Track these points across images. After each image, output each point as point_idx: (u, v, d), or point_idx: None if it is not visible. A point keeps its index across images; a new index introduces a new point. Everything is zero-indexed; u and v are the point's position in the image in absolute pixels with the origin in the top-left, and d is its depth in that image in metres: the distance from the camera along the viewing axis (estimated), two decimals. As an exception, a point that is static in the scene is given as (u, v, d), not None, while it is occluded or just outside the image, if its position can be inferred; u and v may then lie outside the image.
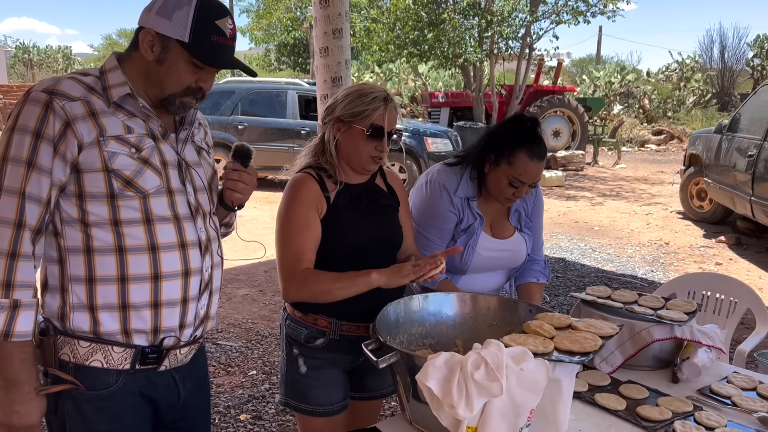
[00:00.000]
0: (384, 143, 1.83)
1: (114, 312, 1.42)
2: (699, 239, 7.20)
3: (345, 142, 1.85)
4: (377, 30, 12.52)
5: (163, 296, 1.45)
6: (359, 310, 1.83)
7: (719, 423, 1.68)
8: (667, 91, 23.35)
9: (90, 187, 1.37)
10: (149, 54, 1.40)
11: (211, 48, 1.42)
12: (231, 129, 10.07)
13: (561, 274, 5.76)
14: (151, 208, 1.42)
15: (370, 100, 1.81)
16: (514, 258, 2.27)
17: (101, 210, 1.38)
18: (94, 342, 1.43)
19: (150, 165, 1.42)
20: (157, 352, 1.48)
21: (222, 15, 1.42)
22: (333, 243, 1.85)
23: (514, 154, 2.02)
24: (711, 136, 7.50)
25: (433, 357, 1.47)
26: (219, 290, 1.63)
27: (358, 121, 1.81)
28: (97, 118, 1.37)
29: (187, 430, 1.67)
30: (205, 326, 1.59)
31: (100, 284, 1.40)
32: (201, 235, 1.52)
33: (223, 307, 4.86)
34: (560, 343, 1.59)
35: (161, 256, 1.44)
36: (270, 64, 28.57)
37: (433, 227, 2.15)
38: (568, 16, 11.67)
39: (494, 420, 1.43)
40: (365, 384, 2.02)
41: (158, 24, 1.38)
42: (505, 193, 2.09)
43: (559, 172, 11.46)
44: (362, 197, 1.92)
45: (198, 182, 1.53)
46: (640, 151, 17.23)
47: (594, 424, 1.69)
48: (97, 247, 1.39)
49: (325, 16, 5.82)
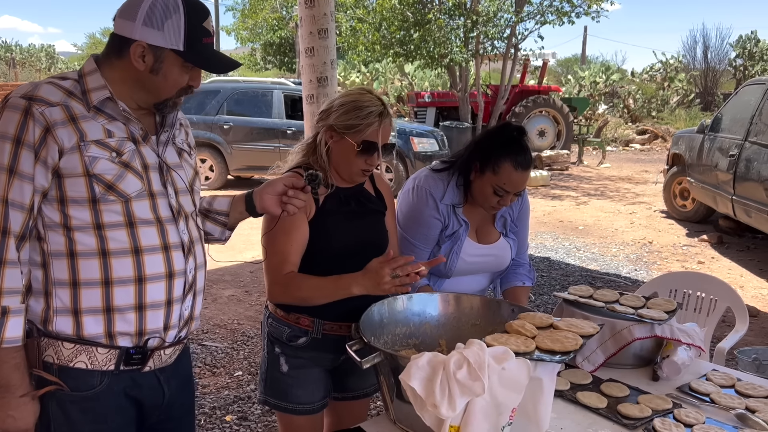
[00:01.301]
0: (375, 158, 1.83)
1: (98, 315, 1.42)
2: (682, 238, 7.28)
3: (336, 151, 1.85)
4: (363, 30, 12.52)
5: (147, 298, 1.45)
6: (342, 310, 1.84)
7: (698, 420, 1.70)
8: (651, 90, 23.57)
9: (72, 192, 1.37)
10: (141, 65, 1.40)
11: (204, 52, 1.44)
12: (216, 129, 10.03)
13: (545, 273, 5.80)
14: (133, 212, 1.42)
15: (365, 114, 1.79)
16: (499, 262, 2.29)
17: (83, 214, 1.38)
18: (78, 343, 1.43)
19: (131, 169, 1.42)
20: (142, 353, 1.48)
21: (206, 15, 1.43)
22: (319, 245, 1.86)
23: (499, 164, 2.03)
24: (693, 136, 7.59)
25: (417, 357, 1.49)
26: (203, 291, 1.64)
27: (350, 134, 1.80)
28: (77, 122, 1.36)
29: (172, 430, 1.67)
30: (189, 327, 1.60)
31: (84, 288, 1.40)
32: (183, 237, 1.52)
33: (208, 308, 4.84)
34: (541, 343, 1.61)
35: (144, 258, 1.44)
36: (256, 63, 28.48)
37: (418, 233, 2.17)
38: (552, 16, 11.75)
39: (476, 419, 1.45)
40: (347, 384, 2.02)
41: (149, 36, 1.37)
42: (490, 202, 2.10)
43: (544, 172, 11.53)
44: (350, 201, 1.93)
45: (179, 184, 1.54)
46: (624, 150, 17.38)
47: (575, 422, 1.71)
48: (81, 251, 1.39)
49: (310, 16, 5.82)
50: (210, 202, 1.75)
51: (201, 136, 10.00)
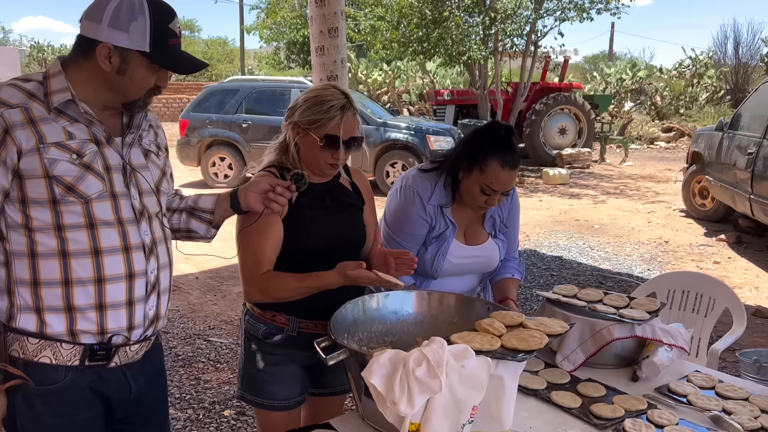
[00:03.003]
0: (340, 152, 1.83)
1: (60, 314, 1.45)
2: (699, 237, 7.16)
3: (303, 147, 1.87)
4: (382, 28, 12.53)
5: (107, 299, 1.48)
6: (318, 309, 1.86)
7: (670, 421, 1.69)
8: (679, 87, 23.15)
9: (32, 193, 1.40)
10: (107, 66, 1.42)
11: (170, 53, 1.46)
12: (235, 127, 10.14)
13: (556, 273, 5.76)
14: (93, 213, 1.45)
15: (326, 108, 1.80)
16: (487, 264, 2.29)
17: (44, 215, 1.41)
18: (43, 339, 1.46)
19: (92, 170, 1.44)
20: (106, 350, 1.51)
21: (172, 17, 1.46)
22: (295, 242, 1.87)
23: (486, 162, 2.03)
24: (713, 134, 7.45)
25: (379, 354, 1.50)
26: (169, 290, 1.65)
27: (313, 129, 1.81)
28: (36, 125, 1.39)
29: (143, 424, 1.70)
30: (155, 326, 1.62)
31: (45, 287, 1.44)
32: (145, 238, 1.54)
33: (217, 305, 4.92)
34: (507, 341, 1.61)
35: (104, 259, 1.46)
36: (280, 62, 28.64)
37: (404, 233, 2.17)
38: (572, 13, 11.61)
39: (436, 416, 1.46)
40: (325, 380, 2.04)
41: (114, 37, 1.40)
42: (478, 201, 2.10)
43: (563, 171, 11.42)
44: (325, 197, 1.94)
45: (144, 185, 1.56)
46: (649, 148, 17.12)
47: (546, 422, 1.71)
48: (41, 252, 1.42)
49: (321, 15, 5.85)
50: (195, 201, 1.78)
51: (220, 135, 10.15)
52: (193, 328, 4.45)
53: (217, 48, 40.26)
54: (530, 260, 6.16)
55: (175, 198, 1.82)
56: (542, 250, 6.60)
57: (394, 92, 20.88)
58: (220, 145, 10.20)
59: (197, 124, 10.26)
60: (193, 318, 4.65)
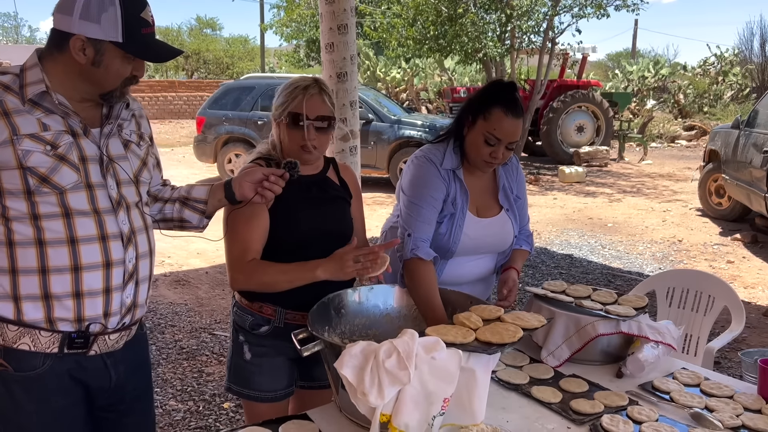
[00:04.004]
0: (306, 131, 1.84)
1: (37, 302, 1.48)
2: (714, 237, 7.05)
3: (281, 135, 1.91)
4: (398, 25, 12.52)
5: (84, 286, 1.50)
6: (304, 300, 1.86)
7: (649, 417, 1.68)
8: (703, 85, 22.80)
9: (7, 184, 1.43)
10: (81, 58, 1.44)
11: (144, 42, 1.47)
12: (251, 124, 10.21)
13: (565, 271, 5.72)
14: (68, 203, 1.47)
15: (291, 90, 1.85)
16: (501, 239, 2.22)
17: (20, 205, 1.44)
18: (22, 326, 1.49)
19: (66, 161, 1.46)
20: (84, 338, 1.54)
21: (143, 6, 1.47)
22: (281, 233, 1.89)
23: (489, 110, 2.03)
24: (729, 132, 7.34)
25: (351, 345, 1.51)
26: (148, 279, 1.68)
27: (281, 112, 1.87)
28: (9, 117, 1.41)
29: (126, 413, 1.73)
30: (133, 314, 1.64)
31: (22, 275, 1.47)
32: (123, 227, 1.56)
33: (225, 299, 4.97)
34: (481, 335, 1.61)
35: (81, 248, 1.49)
36: (299, 60, 28.76)
37: (423, 196, 2.10)
38: (589, 9, 11.48)
39: (407, 407, 1.46)
40: (313, 373, 2.06)
41: (87, 29, 1.42)
42: (483, 155, 2.07)
43: (579, 168, 11.32)
44: (312, 188, 1.96)
45: (122, 176, 1.58)
46: (669, 147, 16.89)
47: (523, 416, 1.71)
48: (18, 241, 1.46)
49: (330, 12, 5.86)
50: (188, 191, 1.81)
51: (236, 132, 10.22)
52: (199, 322, 4.51)
53: (238, 46, 40.49)
54: (540, 258, 6.12)
55: (166, 188, 1.84)
56: (553, 248, 6.55)
57: (413, 90, 20.87)
58: (236, 142, 10.28)
59: (214, 121, 10.35)
60: (200, 312, 4.71)
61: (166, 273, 5.65)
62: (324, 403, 2.11)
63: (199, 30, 41.59)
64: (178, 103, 22.78)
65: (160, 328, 4.37)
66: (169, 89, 24.01)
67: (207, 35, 41.07)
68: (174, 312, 4.68)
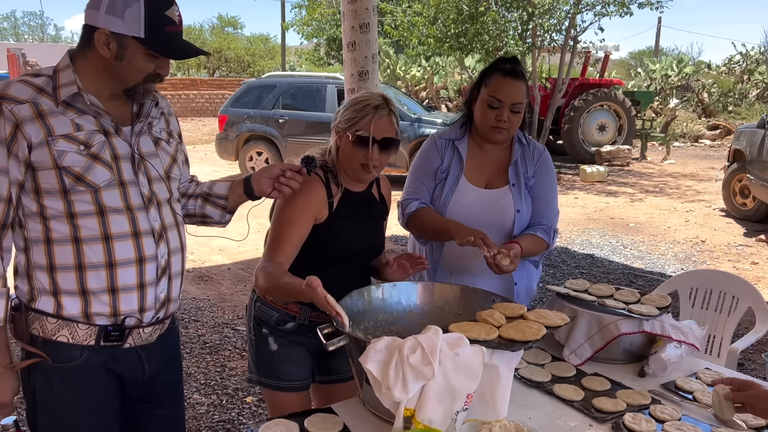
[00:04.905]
0: (371, 151, 1.86)
1: (75, 297, 1.53)
2: (738, 237, 6.97)
3: (341, 149, 1.93)
4: (418, 24, 12.52)
5: (119, 282, 1.55)
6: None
7: (672, 416, 1.68)
8: (728, 84, 22.47)
9: (44, 184, 1.48)
10: (106, 52, 1.48)
11: (166, 39, 1.50)
12: (272, 122, 10.29)
13: (586, 271, 5.69)
14: (103, 201, 1.51)
15: (361, 107, 1.86)
16: (497, 212, 2.22)
17: (57, 204, 1.49)
18: (60, 319, 1.54)
19: (100, 160, 1.50)
20: (120, 331, 1.59)
21: (169, 5, 1.50)
22: (327, 247, 1.94)
23: (490, 77, 2.17)
24: (755, 131, 7.24)
25: (376, 340, 1.54)
26: (181, 274, 1.72)
27: (348, 128, 1.88)
28: (44, 119, 1.46)
29: (157, 404, 1.78)
30: (167, 308, 1.68)
31: (60, 272, 1.52)
32: (154, 224, 1.60)
33: (246, 295, 4.99)
34: (505, 332, 1.63)
35: (114, 245, 1.53)
36: (320, 58, 28.89)
37: (417, 165, 2.32)
38: (612, 7, 11.38)
39: (430, 402, 1.49)
40: (331, 367, 2.10)
41: (111, 23, 1.46)
42: (489, 120, 2.16)
43: (601, 168, 11.23)
44: (360, 207, 2.00)
45: (153, 173, 1.62)
46: (693, 146, 16.68)
47: (545, 413, 1.72)
48: (56, 238, 1.50)
49: (352, 11, 5.90)
50: (210, 187, 1.85)
51: (257, 130, 10.31)
52: (222, 317, 4.57)
53: (259, 44, 40.72)
54: (560, 258, 6.10)
55: (191, 184, 1.88)
56: (574, 247, 6.53)
57: (433, 88, 20.82)
58: (258, 140, 10.36)
59: (235, 119, 10.44)
60: (222, 307, 4.77)
61: (189, 269, 5.73)
62: (342, 395, 2.15)
63: (220, 28, 41.92)
64: (199, 101, 22.99)
65: (183, 323, 4.43)
66: (191, 87, 24.24)
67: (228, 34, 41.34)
68: (197, 307, 4.75)
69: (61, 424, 1.60)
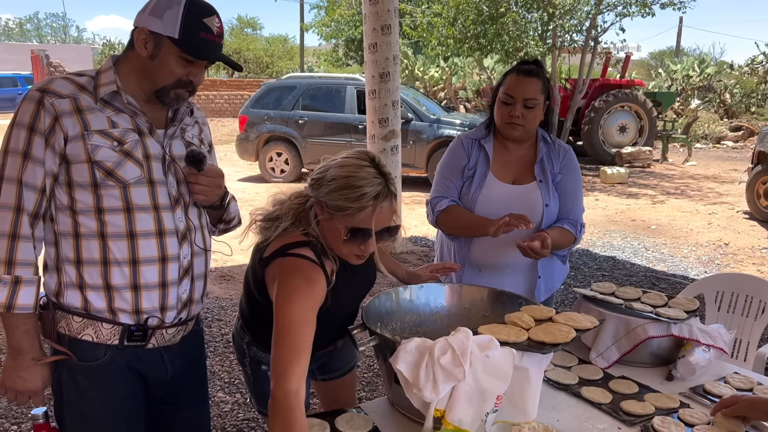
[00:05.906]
0: (369, 244, 1.60)
1: (100, 291, 1.57)
2: (762, 240, 6.88)
3: (326, 229, 1.62)
4: (438, 24, 12.52)
5: (141, 279, 1.58)
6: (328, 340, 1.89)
7: (701, 420, 1.68)
8: (751, 84, 22.18)
9: (77, 177, 1.52)
10: (143, 51, 1.53)
11: (198, 43, 1.53)
12: (292, 123, 10.35)
13: (608, 273, 5.66)
14: (131, 198, 1.55)
15: (357, 196, 1.54)
16: (527, 206, 2.22)
17: (87, 198, 1.53)
18: (86, 318, 1.58)
19: (131, 157, 1.55)
20: (143, 331, 1.62)
21: (209, 14, 1.54)
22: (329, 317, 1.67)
23: (506, 77, 2.27)
24: (780, 133, 7.15)
25: (406, 342, 1.56)
26: (204, 276, 1.74)
27: (340, 216, 1.57)
28: (82, 114, 1.51)
29: (182, 406, 1.81)
30: (189, 310, 1.71)
31: (87, 266, 1.55)
32: (179, 224, 1.64)
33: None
34: (534, 334, 1.64)
35: (139, 242, 1.57)
36: (338, 59, 28.98)
37: (444, 164, 2.38)
38: (633, 8, 11.29)
39: (460, 404, 1.50)
40: (331, 366, 2.06)
41: (151, 23, 1.51)
42: (504, 117, 2.24)
43: (621, 169, 11.14)
44: (359, 270, 1.76)
45: (182, 175, 1.65)
46: (715, 147, 16.49)
47: (573, 416, 1.72)
48: (83, 233, 1.54)
49: (374, 12, 5.95)
50: None
51: (277, 131, 10.37)
52: (244, 317, 4.60)
53: (278, 45, 40.97)
54: (582, 260, 6.07)
55: None
56: (595, 249, 6.49)
57: (451, 89, 20.82)
58: (278, 141, 10.43)
59: (256, 120, 10.51)
60: (244, 307, 4.80)
61: (212, 269, 5.78)
62: (344, 388, 2.14)
63: (240, 29, 42.25)
64: (219, 102, 23.20)
65: (207, 321, 4.48)
66: (210, 88, 24.47)
67: (248, 35, 41.68)
68: (220, 306, 4.79)
69: (86, 420, 1.64)
